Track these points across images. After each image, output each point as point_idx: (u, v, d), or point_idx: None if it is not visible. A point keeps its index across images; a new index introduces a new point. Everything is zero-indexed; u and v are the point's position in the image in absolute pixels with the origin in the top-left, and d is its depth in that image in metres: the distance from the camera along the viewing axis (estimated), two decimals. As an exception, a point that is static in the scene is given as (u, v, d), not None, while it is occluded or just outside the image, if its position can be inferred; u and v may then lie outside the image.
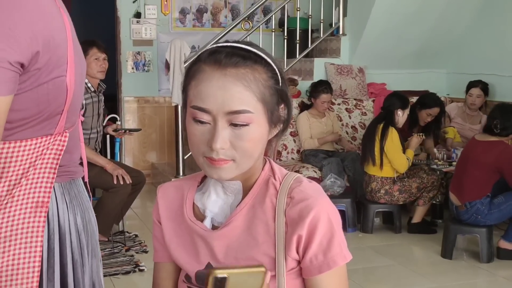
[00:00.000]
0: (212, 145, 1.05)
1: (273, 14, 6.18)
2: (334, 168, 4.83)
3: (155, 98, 6.73)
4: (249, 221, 1.14)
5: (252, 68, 1.08)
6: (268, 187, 1.16)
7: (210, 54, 1.09)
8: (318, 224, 1.09)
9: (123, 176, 4.07)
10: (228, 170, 1.08)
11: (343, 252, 1.12)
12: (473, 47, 6.08)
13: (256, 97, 1.07)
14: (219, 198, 1.17)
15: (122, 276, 3.74)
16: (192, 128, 1.09)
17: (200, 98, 1.07)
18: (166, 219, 1.24)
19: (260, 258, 1.13)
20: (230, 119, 1.05)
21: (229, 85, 1.05)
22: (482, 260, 4.04)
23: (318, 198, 1.12)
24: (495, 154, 3.92)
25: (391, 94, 4.93)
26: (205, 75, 1.07)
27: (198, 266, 1.18)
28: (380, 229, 4.88)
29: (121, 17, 6.53)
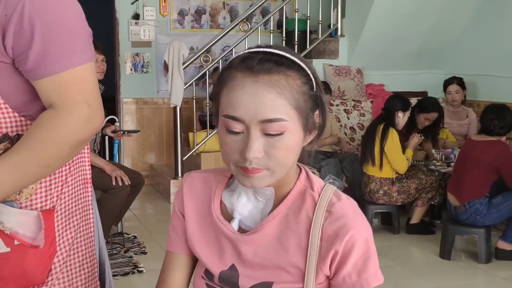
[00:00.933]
0: (246, 155, 1.02)
1: (271, 15, 6.19)
2: (333, 169, 4.84)
3: (153, 99, 6.74)
4: (281, 231, 1.12)
5: (286, 74, 1.04)
6: (305, 198, 1.13)
7: (242, 61, 1.05)
8: (356, 244, 1.08)
9: (121, 177, 4.07)
10: (261, 179, 1.05)
11: (377, 274, 1.12)
12: (471, 48, 6.09)
13: (290, 104, 1.03)
14: (250, 201, 1.15)
15: (121, 277, 3.74)
16: (224, 138, 1.06)
17: (232, 106, 1.03)
18: (191, 211, 1.20)
19: (288, 269, 1.11)
20: (263, 128, 1.02)
21: (262, 93, 1.02)
22: (481, 260, 4.05)
23: (357, 218, 1.11)
24: (493, 153, 3.94)
25: (393, 96, 4.95)
26: (236, 82, 1.04)
27: (221, 266, 1.16)
28: (378, 230, 4.88)
29: (120, 18, 6.54)
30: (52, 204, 1.30)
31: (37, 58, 1.18)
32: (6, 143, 1.23)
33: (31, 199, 1.27)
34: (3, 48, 1.18)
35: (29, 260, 1.26)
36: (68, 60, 1.20)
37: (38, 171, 1.21)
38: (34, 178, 1.22)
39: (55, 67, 1.19)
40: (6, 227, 1.23)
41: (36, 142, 1.18)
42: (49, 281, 1.30)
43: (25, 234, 1.25)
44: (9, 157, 1.18)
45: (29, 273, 1.27)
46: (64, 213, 1.33)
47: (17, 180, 1.18)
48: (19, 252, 1.25)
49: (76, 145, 1.23)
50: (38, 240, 1.26)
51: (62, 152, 1.21)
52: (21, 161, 1.17)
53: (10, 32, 1.16)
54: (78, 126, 1.21)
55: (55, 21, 1.19)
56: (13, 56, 1.19)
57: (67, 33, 1.21)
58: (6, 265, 1.25)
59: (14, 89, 1.23)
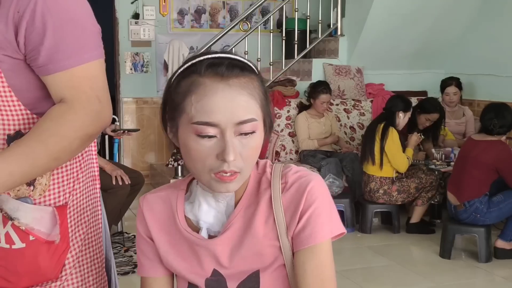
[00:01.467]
0: (226, 158, 1.03)
1: (271, 15, 6.18)
2: (333, 169, 4.84)
3: (153, 99, 6.74)
4: (248, 220, 1.14)
5: (250, 77, 1.08)
6: (261, 183, 1.16)
7: (208, 67, 1.06)
8: (318, 196, 1.11)
9: (121, 176, 4.07)
10: (236, 182, 1.08)
11: (339, 224, 1.15)
12: (470, 47, 6.09)
13: (258, 104, 1.08)
14: (211, 207, 1.16)
15: (121, 276, 3.74)
16: (195, 145, 1.05)
17: (206, 113, 1.03)
18: (157, 231, 1.20)
19: (266, 250, 1.13)
20: (238, 130, 1.05)
21: (236, 95, 1.04)
22: (481, 259, 4.05)
23: (311, 173, 1.14)
24: (494, 153, 3.94)
25: (395, 96, 4.96)
26: (207, 88, 1.04)
27: (204, 274, 1.17)
28: (378, 229, 4.88)
29: (120, 18, 6.54)
30: (65, 200, 1.32)
31: (49, 53, 1.20)
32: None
33: (44, 195, 1.29)
34: (15, 44, 1.20)
35: (43, 255, 1.28)
36: (80, 56, 1.23)
37: (47, 163, 1.22)
38: (42, 170, 1.23)
39: (66, 63, 1.21)
40: (22, 223, 1.25)
41: (48, 135, 1.20)
42: (63, 276, 1.33)
43: (40, 229, 1.27)
44: (20, 148, 1.19)
45: (43, 268, 1.29)
46: (76, 209, 1.35)
47: (26, 171, 1.19)
48: (34, 248, 1.27)
49: (86, 139, 1.25)
50: (53, 235, 1.28)
51: (72, 145, 1.23)
52: (31, 153, 1.19)
53: (22, 28, 1.19)
54: (89, 120, 1.24)
55: (67, 18, 1.21)
56: (25, 52, 1.21)
57: (79, 30, 1.23)
58: (21, 261, 1.27)
59: (27, 85, 1.25)
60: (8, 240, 1.26)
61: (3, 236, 1.26)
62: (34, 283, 1.29)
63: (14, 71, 1.22)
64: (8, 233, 1.26)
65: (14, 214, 1.24)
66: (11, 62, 1.21)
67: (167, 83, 1.15)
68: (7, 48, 1.20)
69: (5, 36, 1.19)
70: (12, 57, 1.21)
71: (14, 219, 1.24)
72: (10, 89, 1.22)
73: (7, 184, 1.18)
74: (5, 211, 1.23)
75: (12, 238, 1.26)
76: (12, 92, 1.23)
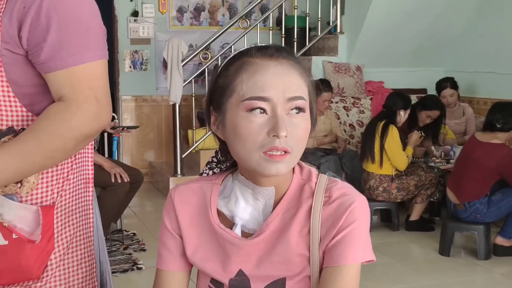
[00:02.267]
0: (278, 132, 1.02)
1: (270, 12, 6.18)
2: (332, 166, 4.84)
3: (152, 96, 6.73)
4: (284, 225, 1.11)
5: (298, 61, 1.11)
6: (303, 189, 1.14)
7: (258, 50, 1.09)
8: (358, 217, 1.09)
9: (121, 174, 4.06)
10: (286, 163, 1.06)
11: (369, 251, 1.12)
12: (470, 45, 6.09)
13: (307, 87, 1.10)
14: (248, 204, 1.13)
15: (120, 274, 3.74)
16: (245, 122, 1.04)
17: (259, 88, 1.04)
18: (188, 225, 1.18)
19: (295, 259, 1.11)
20: (289, 106, 1.05)
21: (287, 72, 1.06)
22: (480, 257, 4.05)
23: (358, 194, 1.12)
24: (497, 158, 3.89)
25: (394, 93, 4.93)
26: (258, 66, 1.06)
27: (227, 275, 1.14)
28: (378, 227, 4.88)
29: (119, 15, 6.53)
30: (52, 200, 1.31)
31: (51, 51, 1.21)
32: (11, 136, 1.24)
33: (32, 193, 1.28)
34: (18, 39, 1.21)
35: (26, 254, 1.27)
36: (82, 55, 1.23)
37: (41, 162, 1.22)
38: (37, 168, 1.23)
39: (68, 61, 1.22)
40: (5, 220, 1.24)
41: (43, 133, 1.20)
42: (45, 277, 1.31)
43: (23, 228, 1.26)
44: (14, 145, 1.19)
45: (25, 267, 1.27)
46: (64, 210, 1.34)
47: (19, 168, 1.20)
48: (17, 246, 1.26)
49: (81, 140, 1.25)
50: (35, 235, 1.27)
51: (67, 145, 1.23)
52: (26, 150, 1.19)
53: (26, 23, 1.19)
54: (85, 120, 1.23)
55: (72, 17, 1.22)
56: (27, 47, 1.21)
57: (83, 29, 1.24)
58: (3, 258, 1.25)
59: (25, 81, 1.25)
60: None
61: None
62: (15, 281, 1.28)
63: (14, 66, 1.23)
64: None
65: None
66: (12, 56, 1.22)
67: (213, 74, 1.16)
68: (8, 42, 1.20)
69: (7, 30, 1.20)
70: (13, 51, 1.21)
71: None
72: (8, 84, 1.22)
73: (0, 180, 1.18)
74: None
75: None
76: (10, 88, 1.23)
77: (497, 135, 3.97)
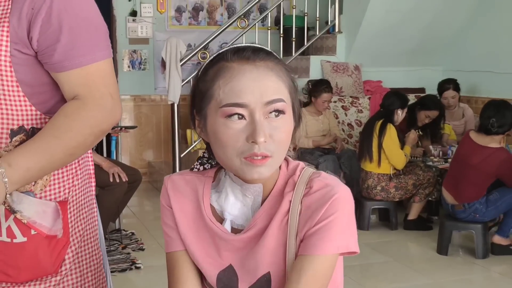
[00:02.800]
0: (256, 139, 1.02)
1: (269, 12, 6.19)
2: (330, 166, 4.85)
3: (151, 96, 6.73)
4: (269, 221, 1.12)
5: (276, 62, 1.09)
6: (288, 184, 1.14)
7: (233, 53, 1.08)
8: (339, 208, 1.07)
9: (119, 174, 4.07)
10: (267, 166, 1.05)
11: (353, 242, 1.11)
12: (468, 44, 6.09)
13: (286, 88, 1.08)
14: (238, 200, 1.15)
15: (119, 273, 3.74)
16: (224, 129, 1.04)
17: (234, 94, 1.04)
18: (179, 211, 1.19)
19: (277, 251, 1.12)
20: (267, 110, 1.04)
21: (263, 76, 1.05)
22: (478, 256, 4.06)
23: (341, 185, 1.11)
24: (496, 163, 3.88)
25: (392, 93, 4.91)
26: (234, 71, 1.05)
27: (218, 265, 1.16)
28: (376, 226, 4.89)
29: (117, 15, 6.53)
30: (64, 196, 1.34)
31: (64, 51, 1.24)
32: (22, 135, 1.26)
33: (45, 190, 1.31)
34: (27, 40, 1.23)
35: (44, 250, 1.29)
36: (93, 54, 1.27)
37: (63, 159, 1.25)
38: (58, 165, 1.27)
39: (82, 60, 1.25)
40: (25, 216, 1.26)
41: (63, 131, 1.23)
42: (63, 271, 1.34)
43: (42, 223, 1.28)
44: (36, 143, 1.22)
45: (43, 263, 1.30)
46: (75, 205, 1.37)
47: (43, 167, 1.22)
48: (35, 242, 1.28)
49: (99, 135, 1.29)
50: (55, 230, 1.30)
51: (86, 141, 1.27)
52: (48, 148, 1.22)
53: (37, 25, 1.21)
54: (103, 117, 1.28)
55: (82, 17, 1.26)
56: (38, 48, 1.24)
57: (93, 29, 1.28)
58: (21, 255, 1.28)
59: (34, 80, 1.27)
60: (10, 234, 1.27)
61: (5, 230, 1.26)
62: (33, 277, 1.30)
63: (23, 66, 1.25)
64: (10, 227, 1.27)
65: (18, 206, 1.25)
66: (21, 56, 1.24)
67: (195, 77, 1.16)
68: (17, 42, 1.22)
69: (16, 31, 1.21)
70: (22, 52, 1.23)
71: (17, 211, 1.25)
72: (18, 84, 1.24)
73: (25, 179, 1.21)
74: (8, 204, 1.24)
75: (14, 232, 1.27)
76: (20, 87, 1.25)
77: (494, 138, 3.95)
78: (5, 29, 1.21)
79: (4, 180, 1.16)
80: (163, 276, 1.28)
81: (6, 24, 1.21)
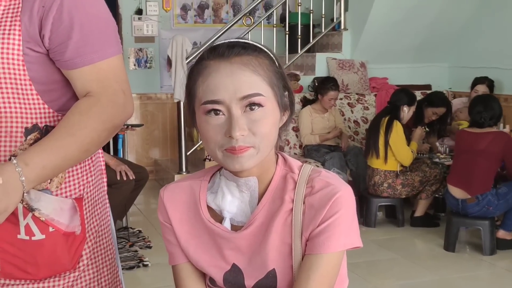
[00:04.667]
0: (232, 133, 1.05)
1: (274, 9, 6.18)
2: (337, 163, 4.85)
3: (157, 94, 6.75)
4: (271, 216, 1.14)
5: (254, 55, 1.10)
6: (287, 181, 1.16)
7: (210, 51, 1.11)
8: (342, 208, 1.10)
9: (126, 172, 4.08)
10: (249, 157, 1.08)
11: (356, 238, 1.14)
12: (474, 40, 6.07)
13: (264, 81, 1.09)
14: (235, 197, 1.16)
15: (126, 271, 3.76)
16: (205, 124, 1.09)
17: (210, 91, 1.07)
18: (178, 221, 1.21)
19: (281, 248, 1.13)
20: (244, 104, 1.06)
21: (237, 71, 1.07)
22: (485, 252, 4.05)
23: (343, 184, 1.14)
24: (501, 144, 3.99)
25: (399, 90, 4.95)
26: (211, 68, 1.09)
27: (223, 267, 1.17)
28: (383, 223, 4.89)
29: (123, 14, 6.55)
30: (80, 192, 1.35)
31: (76, 47, 1.24)
32: (36, 133, 1.27)
33: (61, 187, 1.31)
34: (39, 38, 1.23)
35: (62, 246, 1.30)
36: (105, 51, 1.27)
37: (78, 156, 1.26)
38: (73, 162, 1.28)
39: (94, 57, 1.26)
40: (43, 214, 1.27)
41: (78, 128, 1.23)
42: (80, 267, 1.35)
43: (60, 220, 1.29)
44: (51, 141, 1.22)
45: (62, 259, 1.31)
46: (89, 202, 1.38)
47: (58, 165, 1.23)
48: (53, 239, 1.29)
49: (112, 131, 1.30)
50: (73, 226, 1.31)
51: (101, 137, 1.27)
52: (62, 146, 1.22)
53: (48, 23, 1.22)
54: (116, 112, 1.28)
55: (92, 13, 1.26)
56: (50, 46, 1.24)
57: (104, 25, 1.29)
58: (40, 252, 1.29)
59: (46, 78, 1.28)
60: (28, 231, 1.27)
61: (23, 228, 1.27)
62: (52, 274, 1.31)
63: (36, 64, 1.25)
64: (28, 225, 1.27)
65: (36, 204, 1.26)
66: (34, 55, 1.24)
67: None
68: (29, 41, 1.23)
69: (28, 29, 1.22)
70: (34, 50, 1.24)
71: (35, 209, 1.26)
72: (31, 82, 1.25)
73: (41, 177, 1.21)
74: (26, 202, 1.25)
75: (32, 230, 1.27)
76: (33, 86, 1.25)
77: (487, 130, 4.07)
78: (17, 28, 1.22)
79: (21, 179, 1.17)
80: (170, 273, 1.29)
81: (18, 23, 1.22)
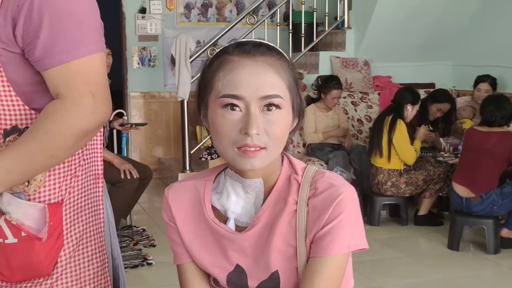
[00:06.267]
0: (248, 130, 1.04)
1: (278, 8, 6.18)
2: (340, 161, 4.84)
3: (161, 93, 6.75)
4: (275, 217, 1.14)
5: (278, 58, 1.11)
6: (291, 182, 1.16)
7: (236, 47, 1.11)
8: (345, 209, 1.10)
9: (130, 170, 4.09)
10: (260, 158, 1.07)
11: (362, 240, 1.13)
12: (478, 38, 6.06)
13: (285, 84, 1.10)
14: (240, 198, 1.16)
15: (130, 269, 3.76)
16: (221, 118, 1.08)
17: (232, 86, 1.07)
18: (182, 221, 1.21)
19: (284, 249, 1.13)
20: (262, 104, 1.06)
21: (262, 70, 1.07)
22: (489, 251, 4.05)
23: (346, 184, 1.13)
24: (509, 145, 3.97)
25: (403, 88, 4.95)
26: (235, 64, 1.08)
27: (226, 268, 1.17)
28: (386, 222, 4.88)
29: (126, 12, 6.55)
30: (60, 197, 1.31)
31: (44, 47, 1.19)
32: (16, 135, 1.24)
33: (39, 191, 1.28)
34: (13, 37, 1.20)
35: (36, 251, 1.27)
36: (76, 51, 1.21)
37: (44, 161, 1.22)
38: (40, 167, 1.24)
39: (62, 57, 1.20)
40: (13, 218, 1.25)
41: (42, 133, 1.20)
42: (55, 274, 1.32)
43: (31, 226, 1.26)
44: (16, 146, 1.20)
45: (36, 264, 1.28)
46: (73, 207, 1.34)
47: (23, 169, 1.20)
48: (26, 244, 1.27)
49: (81, 136, 1.24)
50: (42, 232, 1.27)
51: (67, 142, 1.22)
52: (27, 151, 1.19)
53: (20, 21, 1.18)
54: (82, 117, 1.22)
55: (65, 12, 1.20)
56: (23, 45, 1.21)
57: (76, 24, 1.22)
58: (13, 256, 1.27)
59: (24, 79, 1.24)
60: (1, 234, 1.26)
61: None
62: (27, 278, 1.29)
63: (12, 65, 1.22)
64: (1, 228, 1.25)
65: (6, 208, 1.24)
66: (9, 55, 1.21)
67: (201, 69, 1.18)
68: (4, 41, 1.20)
69: (3, 30, 1.19)
70: (9, 50, 1.21)
71: (5, 213, 1.24)
72: (9, 83, 1.22)
73: (7, 181, 1.19)
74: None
75: (5, 233, 1.26)
76: (11, 87, 1.23)
77: (497, 129, 4.05)
78: None
79: None
80: (174, 272, 1.29)
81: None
